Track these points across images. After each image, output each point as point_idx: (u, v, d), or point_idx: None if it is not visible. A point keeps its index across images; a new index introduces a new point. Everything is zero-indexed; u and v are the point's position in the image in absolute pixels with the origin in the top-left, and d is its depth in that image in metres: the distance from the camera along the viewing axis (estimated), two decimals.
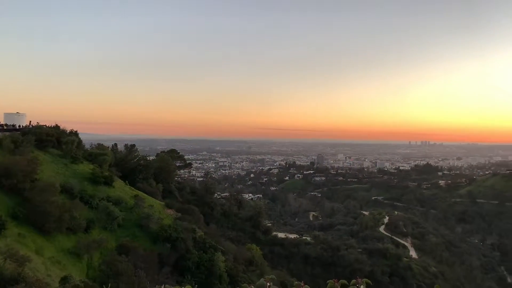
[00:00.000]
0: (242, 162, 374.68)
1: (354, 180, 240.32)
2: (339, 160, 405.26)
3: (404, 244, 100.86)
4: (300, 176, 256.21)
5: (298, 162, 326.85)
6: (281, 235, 74.45)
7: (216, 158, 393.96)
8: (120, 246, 35.95)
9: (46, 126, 53.56)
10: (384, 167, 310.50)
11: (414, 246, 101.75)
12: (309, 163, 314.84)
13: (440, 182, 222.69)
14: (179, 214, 47.83)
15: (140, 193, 48.80)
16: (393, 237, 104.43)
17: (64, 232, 33.57)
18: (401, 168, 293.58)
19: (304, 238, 76.43)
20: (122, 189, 47.58)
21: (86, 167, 47.82)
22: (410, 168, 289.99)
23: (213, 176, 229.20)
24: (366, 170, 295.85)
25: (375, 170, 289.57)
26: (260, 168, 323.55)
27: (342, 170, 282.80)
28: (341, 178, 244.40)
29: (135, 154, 65.32)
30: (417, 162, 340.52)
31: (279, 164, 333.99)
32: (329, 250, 68.32)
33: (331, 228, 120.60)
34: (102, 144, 65.84)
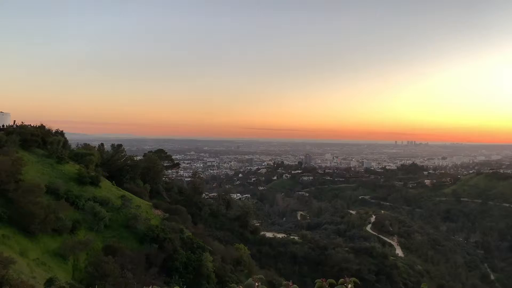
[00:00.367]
0: (230, 162, 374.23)
1: (341, 179, 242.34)
2: (327, 159, 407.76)
3: (390, 242, 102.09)
4: (288, 175, 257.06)
5: (286, 162, 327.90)
6: (269, 235, 74.65)
7: (204, 158, 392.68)
8: (106, 247, 35.61)
9: (31, 125, 52.75)
10: (371, 167, 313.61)
11: (400, 244, 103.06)
12: (297, 163, 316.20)
13: (425, 181, 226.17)
14: (167, 215, 47.56)
15: (127, 193, 48.37)
16: (379, 236, 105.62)
17: (49, 233, 33.11)
18: (387, 167, 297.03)
19: (292, 237, 76.74)
20: (108, 189, 47.09)
21: (72, 167, 47.19)
22: (396, 167, 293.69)
23: (201, 176, 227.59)
24: (353, 169, 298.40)
25: (362, 170, 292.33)
26: (248, 168, 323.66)
27: (329, 169, 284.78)
28: (328, 178, 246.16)
29: (122, 154, 64.68)
30: (403, 161, 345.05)
31: (267, 164, 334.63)
32: (316, 249, 68.79)
33: (319, 227, 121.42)
34: (89, 144, 65.10)
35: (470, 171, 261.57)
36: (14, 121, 57.30)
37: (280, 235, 77.48)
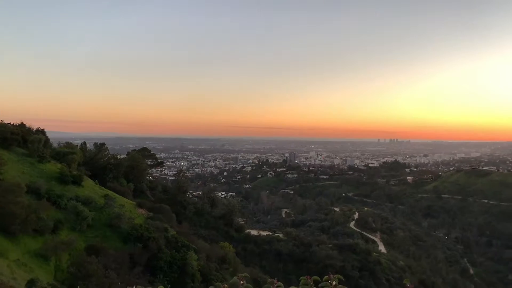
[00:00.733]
0: (215, 160, 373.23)
1: (325, 177, 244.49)
2: (311, 157, 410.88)
3: (373, 239, 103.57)
4: (273, 173, 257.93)
5: (271, 160, 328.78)
6: (254, 233, 74.75)
7: (188, 157, 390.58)
8: (89, 247, 35.13)
9: (10, 124, 51.44)
10: (354, 164, 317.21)
11: (383, 241, 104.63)
12: (281, 161, 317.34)
13: (407, 178, 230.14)
14: (151, 214, 47.19)
15: (110, 192, 47.76)
16: (362, 232, 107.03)
17: (30, 233, 32.46)
18: (370, 165, 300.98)
19: (276, 235, 77.06)
20: (91, 188, 46.41)
21: (53, 167, 46.33)
22: (379, 165, 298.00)
23: (185, 174, 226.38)
24: (337, 167, 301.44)
25: (346, 167, 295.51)
26: (233, 166, 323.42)
27: (313, 167, 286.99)
28: (312, 175, 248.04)
29: (105, 153, 63.73)
30: (385, 159, 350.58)
31: (252, 162, 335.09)
32: (301, 247, 69.24)
33: (303, 224, 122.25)
34: (71, 142, 63.90)
35: (451, 168, 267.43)
36: None
37: (265, 233, 77.72)
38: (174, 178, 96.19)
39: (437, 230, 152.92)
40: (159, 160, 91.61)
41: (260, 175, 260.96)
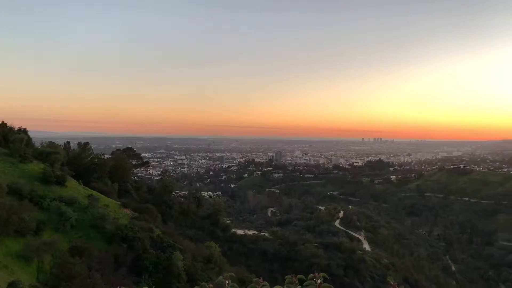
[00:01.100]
0: (201, 160, 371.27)
1: (310, 176, 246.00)
2: (297, 156, 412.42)
3: (358, 237, 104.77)
4: (259, 173, 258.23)
5: (257, 159, 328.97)
6: (240, 232, 74.83)
7: (174, 156, 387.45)
8: (73, 248, 34.65)
9: None
10: (339, 163, 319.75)
11: (367, 239, 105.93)
12: (267, 160, 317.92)
13: (391, 177, 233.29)
14: (136, 214, 46.78)
15: (94, 192, 47.17)
16: (347, 231, 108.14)
17: (12, 235, 31.85)
18: (355, 164, 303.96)
19: (262, 234, 77.33)
20: (75, 188, 45.75)
21: (36, 167, 45.50)
22: (363, 164, 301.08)
23: (171, 174, 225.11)
24: (322, 166, 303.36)
25: (331, 166, 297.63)
26: (219, 165, 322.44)
27: (299, 166, 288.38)
28: (298, 174, 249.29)
29: (89, 153, 62.87)
30: (370, 158, 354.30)
31: (238, 161, 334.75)
32: (286, 245, 69.58)
33: (289, 223, 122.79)
34: (54, 142, 62.79)
35: (433, 167, 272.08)
36: None
37: (251, 232, 77.91)
38: (159, 178, 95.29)
39: (420, 228, 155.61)
40: (144, 159, 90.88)
41: (246, 175, 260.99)
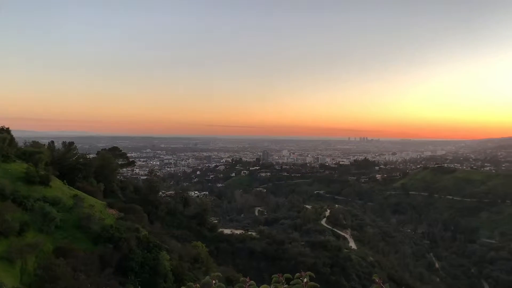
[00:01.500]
0: (188, 159, 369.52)
1: (297, 175, 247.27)
2: (284, 156, 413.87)
3: (344, 236, 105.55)
4: (246, 172, 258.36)
5: (244, 159, 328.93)
6: (227, 231, 74.76)
7: (160, 156, 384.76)
8: (57, 249, 34.15)
9: None
10: (325, 162, 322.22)
11: (353, 237, 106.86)
12: (255, 160, 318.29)
13: (377, 176, 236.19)
14: (122, 214, 46.33)
15: (79, 192, 46.55)
16: (333, 229, 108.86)
17: None
18: (341, 163, 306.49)
19: (249, 233, 77.39)
20: (60, 189, 45.06)
21: (19, 166, 44.66)
22: (349, 163, 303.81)
23: (157, 174, 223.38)
24: (308, 165, 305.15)
25: (317, 165, 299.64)
26: (206, 165, 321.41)
27: (286, 165, 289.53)
28: (285, 174, 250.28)
29: (74, 152, 61.96)
30: (356, 157, 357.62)
31: (226, 160, 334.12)
32: (273, 244, 69.78)
33: (276, 222, 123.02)
34: (38, 141, 61.71)
35: (418, 166, 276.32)
36: None
37: (238, 232, 77.88)
38: (145, 177, 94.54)
39: (405, 226, 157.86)
40: (130, 159, 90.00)
41: (233, 174, 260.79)
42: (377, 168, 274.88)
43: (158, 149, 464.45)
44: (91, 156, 68.92)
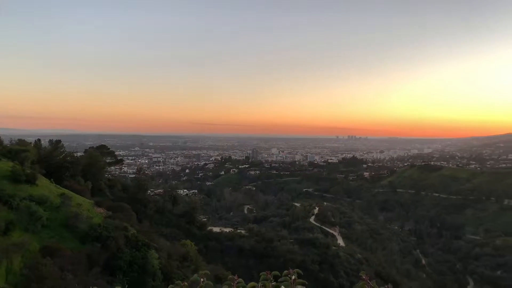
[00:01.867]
0: (177, 157, 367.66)
1: (286, 173, 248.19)
2: (273, 154, 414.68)
3: (332, 233, 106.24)
4: (235, 170, 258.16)
5: (233, 157, 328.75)
6: (216, 230, 74.69)
7: (149, 154, 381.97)
8: (44, 248, 33.76)
9: None
10: (314, 160, 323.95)
11: (341, 234, 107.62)
12: (244, 158, 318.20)
13: (364, 173, 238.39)
14: (110, 212, 45.99)
15: (67, 191, 46.04)
16: (322, 227, 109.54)
17: None
18: (329, 161, 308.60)
19: (239, 231, 77.41)
20: (46, 187, 44.52)
21: (4, 165, 43.98)
22: (338, 161, 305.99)
23: (146, 172, 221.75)
24: (297, 163, 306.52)
25: (306, 163, 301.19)
26: (195, 163, 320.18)
27: (275, 163, 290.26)
28: (274, 172, 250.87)
29: (61, 150, 61.20)
30: (344, 155, 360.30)
31: (215, 159, 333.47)
32: (262, 242, 69.98)
33: (265, 220, 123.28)
34: (24, 140, 60.79)
35: (405, 164, 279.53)
36: None
37: (227, 230, 77.87)
38: (134, 176, 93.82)
39: (392, 223, 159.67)
40: (118, 157, 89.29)
41: (222, 172, 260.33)
42: (365, 166, 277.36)
43: (147, 147, 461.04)
44: (79, 154, 68.23)
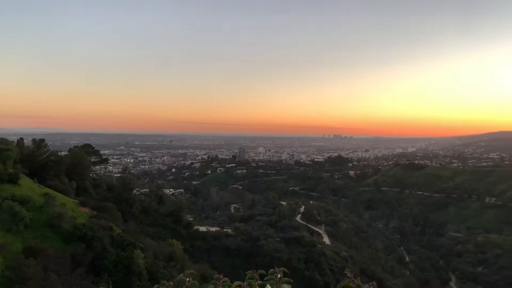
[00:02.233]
0: (163, 156, 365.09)
1: (273, 172, 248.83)
2: (260, 153, 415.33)
3: (318, 231, 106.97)
4: (222, 169, 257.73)
5: (220, 156, 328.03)
6: (202, 229, 74.50)
7: (135, 153, 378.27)
8: (27, 249, 33.24)
9: None
10: (300, 159, 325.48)
11: (327, 232, 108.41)
12: (231, 157, 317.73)
13: (350, 172, 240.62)
14: (95, 212, 45.53)
15: (50, 191, 45.36)
16: (308, 225, 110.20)
17: None
18: (315, 160, 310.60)
19: (225, 230, 77.37)
20: (29, 187, 43.80)
21: None
22: (323, 160, 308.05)
23: (131, 171, 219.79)
24: (284, 162, 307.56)
25: (293, 162, 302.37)
26: (182, 162, 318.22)
27: (262, 162, 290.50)
28: (261, 171, 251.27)
29: (45, 150, 60.18)
30: (330, 154, 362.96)
31: (201, 158, 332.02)
32: (249, 241, 70.13)
33: (252, 219, 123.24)
34: (6, 138, 59.55)
35: (390, 163, 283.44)
36: None
37: (213, 229, 77.74)
38: (119, 175, 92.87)
39: (377, 221, 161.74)
40: (104, 156, 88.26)
41: (209, 171, 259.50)
42: (350, 164, 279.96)
43: (132, 146, 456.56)
44: (63, 153, 67.19)
